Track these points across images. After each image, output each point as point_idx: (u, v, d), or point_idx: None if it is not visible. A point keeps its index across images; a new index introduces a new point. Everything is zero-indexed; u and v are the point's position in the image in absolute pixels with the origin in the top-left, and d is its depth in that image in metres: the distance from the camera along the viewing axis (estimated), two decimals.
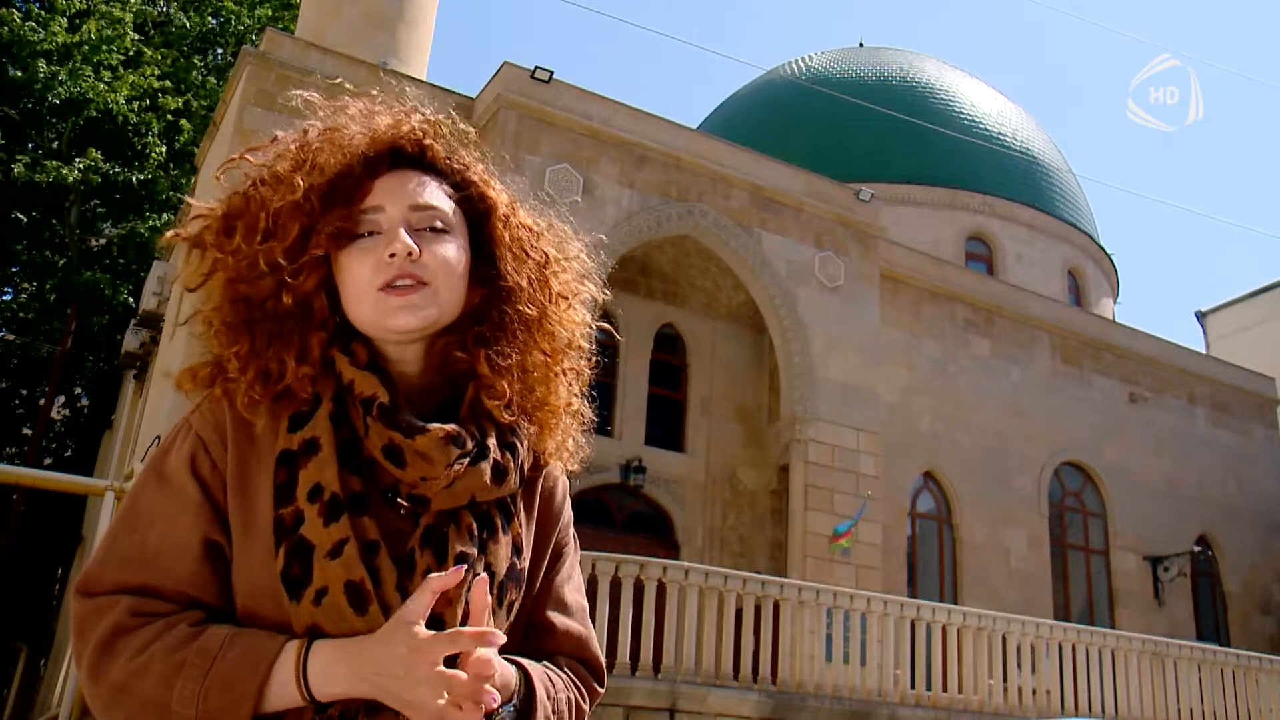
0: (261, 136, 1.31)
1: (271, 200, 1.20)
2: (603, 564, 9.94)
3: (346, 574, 1.12)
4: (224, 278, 1.21)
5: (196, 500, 1.17)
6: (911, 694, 11.12)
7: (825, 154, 21.46)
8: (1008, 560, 17.88)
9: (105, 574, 1.15)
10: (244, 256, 1.20)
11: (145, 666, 1.08)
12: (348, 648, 1.09)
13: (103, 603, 1.13)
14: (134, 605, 1.12)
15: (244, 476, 1.18)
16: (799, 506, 14.94)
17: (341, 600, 1.11)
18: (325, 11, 16.87)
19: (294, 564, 1.13)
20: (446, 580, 1.10)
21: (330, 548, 1.13)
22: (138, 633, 1.10)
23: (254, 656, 1.08)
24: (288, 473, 1.17)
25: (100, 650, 1.10)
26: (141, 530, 1.17)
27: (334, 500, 1.15)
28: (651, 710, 9.61)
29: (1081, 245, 25.95)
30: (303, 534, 1.14)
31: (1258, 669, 13.52)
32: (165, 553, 1.15)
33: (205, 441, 1.20)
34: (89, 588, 1.14)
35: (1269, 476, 21.83)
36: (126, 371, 19.42)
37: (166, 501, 1.18)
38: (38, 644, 21.13)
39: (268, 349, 1.20)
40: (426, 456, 1.18)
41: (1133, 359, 20.75)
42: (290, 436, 1.18)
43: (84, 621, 1.13)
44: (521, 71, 14.32)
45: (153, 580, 1.14)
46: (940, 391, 18.03)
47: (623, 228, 14.52)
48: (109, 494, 5.03)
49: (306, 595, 1.12)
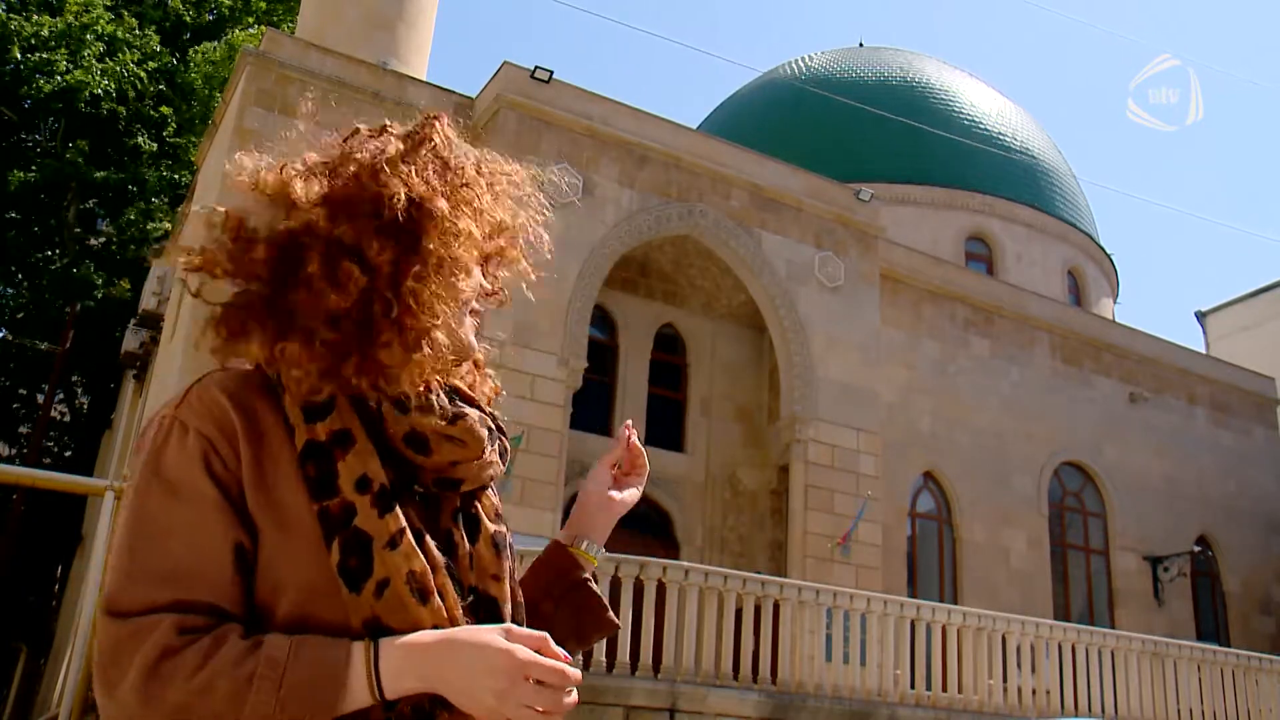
0: (261, 137, 1.32)
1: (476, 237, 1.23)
2: (603, 564, 9.91)
3: (407, 564, 1.13)
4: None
5: (218, 504, 1.12)
6: (911, 694, 11.11)
7: (825, 154, 21.46)
8: (1008, 560, 17.88)
9: (134, 592, 1.08)
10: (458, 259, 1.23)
11: (208, 685, 1.03)
12: (419, 649, 1.10)
13: (141, 624, 1.06)
14: (181, 623, 1.06)
15: (260, 471, 1.15)
16: (799, 507, 14.94)
17: (403, 590, 1.12)
18: (325, 11, 16.87)
19: (351, 557, 1.12)
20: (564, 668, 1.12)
21: (388, 539, 1.13)
22: (187, 651, 1.05)
23: (327, 663, 1.07)
24: (320, 465, 1.15)
25: (149, 674, 1.04)
26: (161, 541, 1.10)
27: (383, 491, 1.15)
28: (651, 710, 9.60)
29: (1081, 245, 25.95)
30: (357, 526, 1.13)
31: (1258, 669, 13.51)
32: (196, 564, 1.10)
33: (211, 439, 1.14)
34: (119, 608, 1.07)
35: (1269, 476, 21.83)
36: (126, 371, 19.42)
37: (184, 509, 1.12)
38: (38, 644, 21.14)
39: None
40: (464, 441, 1.21)
41: (1133, 359, 20.76)
42: (312, 427, 1.16)
43: (120, 646, 1.06)
44: (521, 71, 14.32)
45: (187, 595, 1.09)
46: (940, 391, 18.03)
47: (623, 228, 14.52)
48: (109, 494, 5.03)
49: (367, 588, 1.12)
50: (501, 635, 1.10)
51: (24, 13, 20.04)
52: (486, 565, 1.23)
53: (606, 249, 14.31)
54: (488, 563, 1.23)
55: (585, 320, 14.01)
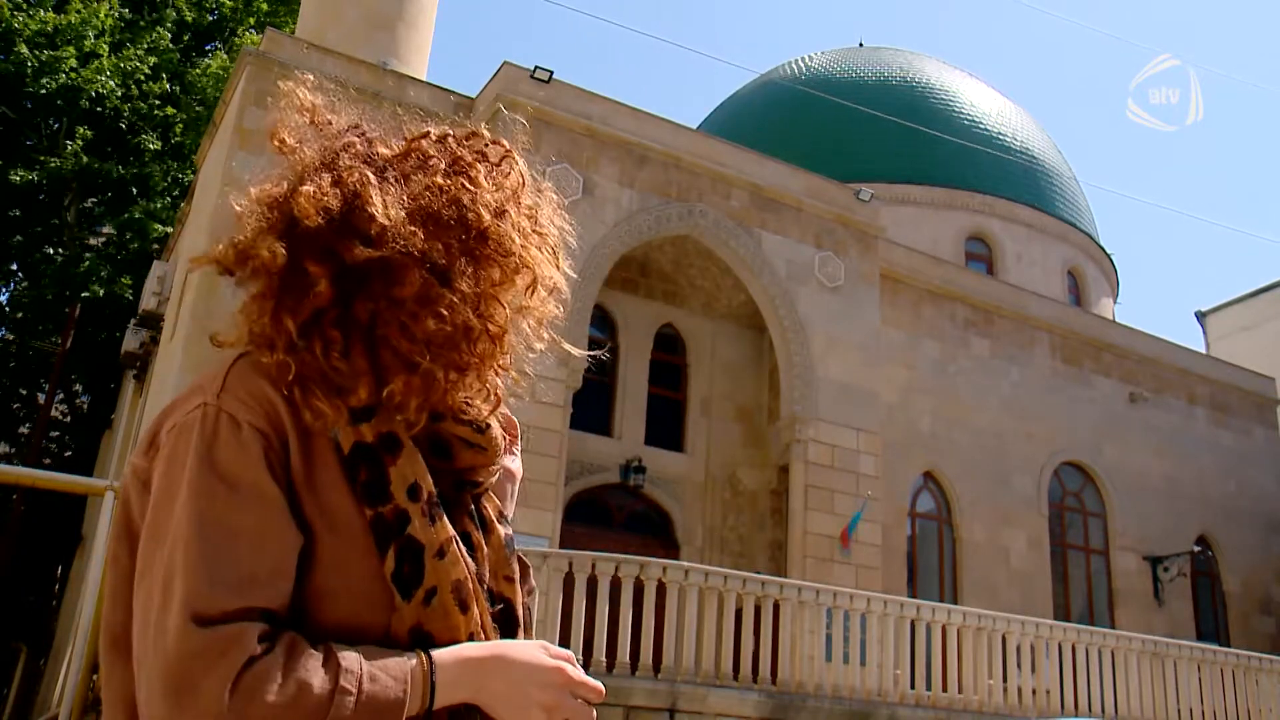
0: (261, 136, 1.32)
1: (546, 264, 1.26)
2: (603, 564, 9.95)
3: (454, 573, 1.15)
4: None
5: (282, 506, 1.09)
6: (911, 694, 11.12)
7: (825, 154, 21.46)
8: (1008, 560, 17.89)
9: (215, 599, 1.03)
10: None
11: (293, 700, 1.01)
12: (473, 664, 1.12)
13: (222, 633, 1.02)
14: (259, 632, 1.04)
15: (310, 472, 1.12)
16: (799, 507, 14.94)
17: (449, 600, 1.13)
18: (325, 11, 16.88)
19: (405, 564, 1.12)
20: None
21: (438, 548, 1.14)
22: (266, 661, 1.02)
23: (399, 677, 1.07)
24: (372, 468, 1.13)
25: (234, 687, 1.00)
26: (231, 545, 1.06)
27: (432, 499, 1.16)
28: (651, 710, 9.61)
29: (1081, 245, 25.96)
30: (410, 534, 1.13)
31: (1258, 669, 13.52)
32: (265, 570, 1.07)
33: (267, 436, 1.11)
34: (203, 616, 1.02)
35: (1269, 476, 21.84)
36: (127, 371, 19.41)
37: (250, 511, 1.07)
38: (38, 644, 21.13)
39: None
40: (485, 448, 1.25)
41: (1133, 359, 20.76)
42: (358, 429, 1.14)
43: (200, 656, 1.01)
44: (521, 71, 14.33)
45: (260, 602, 1.05)
46: (940, 391, 18.04)
47: (623, 228, 14.53)
48: (109, 494, 5.02)
49: (416, 596, 1.12)
50: (544, 652, 1.15)
51: (28, 9, 20.03)
52: (499, 567, 1.25)
53: (606, 249, 14.31)
54: (501, 564, 1.25)
55: (585, 320, 14.01)
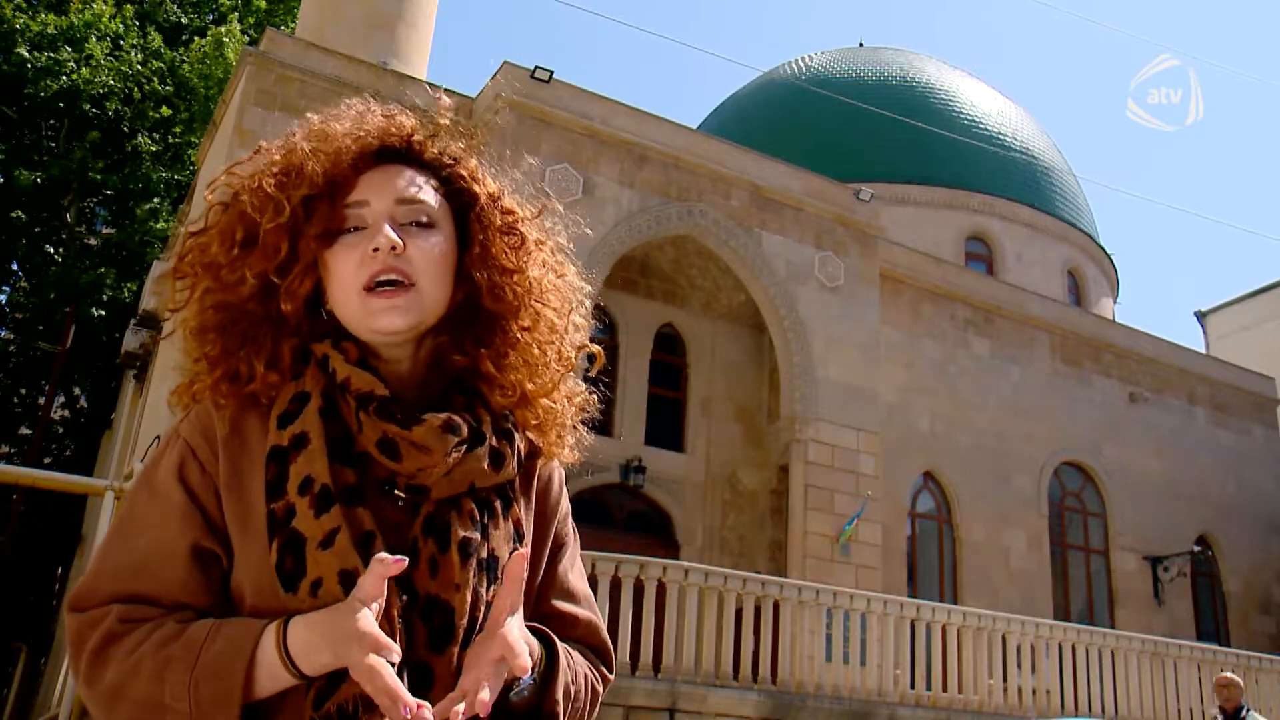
0: (261, 137, 1.32)
1: (261, 220, 1.20)
2: (603, 564, 9.94)
3: (340, 563, 1.11)
4: (203, 286, 1.23)
5: (182, 507, 1.18)
6: (911, 694, 11.12)
7: (825, 154, 21.45)
8: (1008, 560, 17.88)
9: (97, 587, 1.15)
10: (224, 267, 1.22)
11: (136, 666, 1.08)
12: (318, 618, 1.08)
13: (95, 615, 1.13)
14: (124, 612, 1.12)
15: (238, 478, 1.19)
16: (799, 506, 14.94)
17: (337, 590, 1.10)
18: (325, 11, 16.87)
19: (287, 557, 1.12)
20: (393, 567, 1.07)
21: (322, 538, 1.12)
22: (128, 637, 1.11)
23: (238, 641, 1.08)
24: (278, 468, 1.17)
25: (93, 658, 1.11)
26: (131, 540, 1.17)
27: (324, 491, 1.14)
28: (651, 710, 9.61)
29: (1081, 245, 25.95)
30: (294, 527, 1.13)
31: (1258, 669, 13.52)
32: (154, 560, 1.15)
33: (193, 447, 1.20)
34: (81, 603, 1.15)
35: (1269, 476, 21.83)
36: (127, 371, 19.40)
37: (154, 510, 1.18)
38: (38, 644, 21.11)
39: (239, 350, 1.22)
40: (424, 447, 1.18)
41: (1133, 359, 20.75)
42: (280, 433, 1.19)
43: (78, 634, 1.13)
44: (521, 71, 14.32)
45: (142, 588, 1.14)
46: (940, 391, 18.03)
47: (623, 228, 14.52)
48: (109, 494, 5.03)
49: (302, 587, 1.12)
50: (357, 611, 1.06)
51: (30, 11, 20.02)
52: (451, 574, 1.18)
53: (606, 249, 14.31)
54: (453, 572, 1.18)
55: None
